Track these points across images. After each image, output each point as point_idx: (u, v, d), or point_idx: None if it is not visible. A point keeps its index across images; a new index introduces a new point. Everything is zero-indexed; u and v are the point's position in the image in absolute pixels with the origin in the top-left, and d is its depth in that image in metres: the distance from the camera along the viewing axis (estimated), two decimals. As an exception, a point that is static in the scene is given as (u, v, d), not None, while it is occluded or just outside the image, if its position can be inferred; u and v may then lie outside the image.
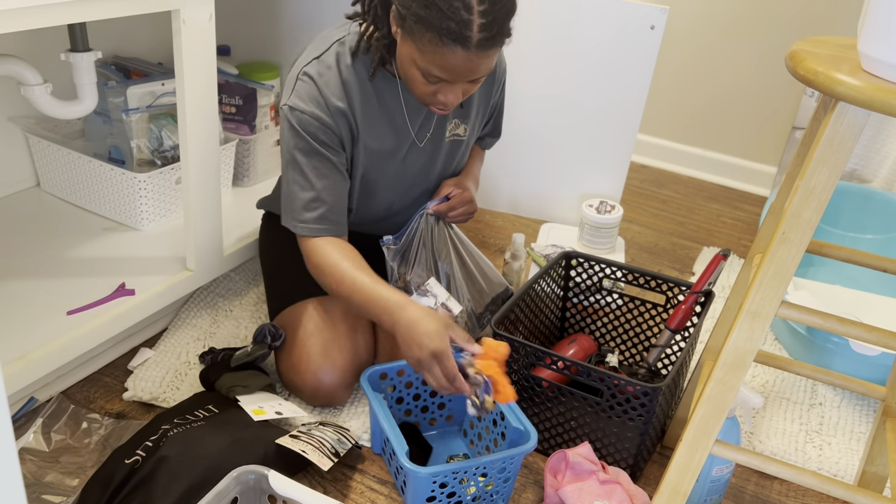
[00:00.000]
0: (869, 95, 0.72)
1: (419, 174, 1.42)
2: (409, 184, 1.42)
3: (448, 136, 1.41)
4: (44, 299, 1.33)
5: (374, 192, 1.39)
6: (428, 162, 1.42)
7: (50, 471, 1.16)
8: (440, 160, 1.43)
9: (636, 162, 2.65)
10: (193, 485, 1.07)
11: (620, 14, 1.78)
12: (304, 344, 1.32)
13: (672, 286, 1.46)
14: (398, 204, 1.44)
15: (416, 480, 1.09)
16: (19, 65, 1.30)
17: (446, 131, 1.41)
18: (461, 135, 1.44)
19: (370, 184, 1.37)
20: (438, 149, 1.42)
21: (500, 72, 1.46)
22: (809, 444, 1.40)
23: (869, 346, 1.45)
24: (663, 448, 1.36)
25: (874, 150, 2.13)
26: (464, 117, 1.43)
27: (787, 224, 0.82)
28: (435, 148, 1.41)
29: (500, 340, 1.28)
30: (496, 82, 1.46)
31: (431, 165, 1.43)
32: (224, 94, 1.81)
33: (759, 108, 2.44)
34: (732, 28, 2.38)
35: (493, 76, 1.44)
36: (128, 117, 1.55)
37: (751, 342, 0.88)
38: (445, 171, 1.47)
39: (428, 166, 1.43)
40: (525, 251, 1.71)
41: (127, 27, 1.75)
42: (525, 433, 1.16)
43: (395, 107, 1.32)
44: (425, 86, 1.19)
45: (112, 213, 1.61)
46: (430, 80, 1.17)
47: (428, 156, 1.41)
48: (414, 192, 1.44)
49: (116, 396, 1.35)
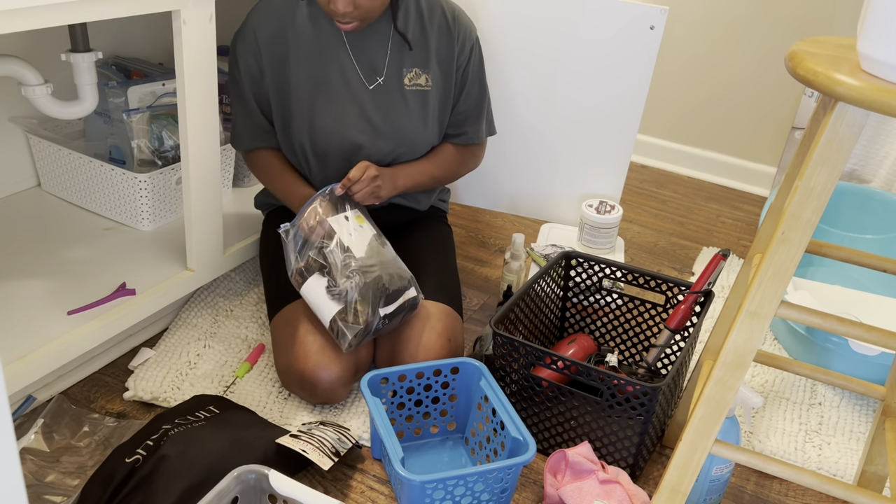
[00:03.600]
0: (868, 95, 0.72)
1: (385, 124, 1.42)
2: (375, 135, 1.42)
3: (408, 84, 1.43)
4: (44, 299, 1.33)
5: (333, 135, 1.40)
6: (391, 110, 1.42)
7: (51, 471, 1.16)
8: (406, 112, 1.43)
9: (636, 162, 2.65)
10: (194, 484, 1.07)
11: (620, 14, 1.78)
12: (302, 342, 1.32)
13: (672, 286, 1.46)
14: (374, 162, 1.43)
15: (411, 489, 1.09)
16: (20, 65, 1.30)
17: (404, 78, 1.43)
18: (423, 85, 1.44)
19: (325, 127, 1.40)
20: (399, 98, 1.43)
21: (461, 31, 1.46)
22: (809, 444, 1.40)
23: (868, 346, 1.45)
24: (663, 448, 1.36)
25: (874, 150, 2.13)
26: (423, 66, 1.44)
27: (787, 224, 0.83)
28: (395, 97, 1.43)
29: (500, 341, 1.28)
30: (454, 38, 1.45)
31: (398, 116, 1.43)
32: (224, 94, 1.81)
33: (759, 109, 2.44)
34: (732, 28, 2.38)
35: (447, 27, 1.45)
36: (128, 117, 1.55)
37: (750, 342, 0.88)
38: (417, 128, 1.45)
39: (393, 116, 1.42)
40: (525, 251, 1.71)
41: (127, 27, 1.75)
42: (524, 444, 1.14)
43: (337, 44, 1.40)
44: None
45: (112, 213, 1.61)
46: None
47: (388, 104, 1.42)
48: (385, 148, 1.43)
49: (117, 396, 1.35)
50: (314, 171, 1.45)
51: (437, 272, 1.48)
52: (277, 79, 1.41)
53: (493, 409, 1.22)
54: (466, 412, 1.32)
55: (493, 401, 1.22)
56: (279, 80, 1.41)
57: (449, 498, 1.12)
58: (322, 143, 1.41)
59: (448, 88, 1.48)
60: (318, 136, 1.40)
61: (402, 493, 1.13)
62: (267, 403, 1.36)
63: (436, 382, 1.29)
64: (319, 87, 1.40)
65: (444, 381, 1.30)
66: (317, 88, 1.40)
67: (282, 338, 1.36)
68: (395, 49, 1.42)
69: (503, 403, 1.21)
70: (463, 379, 1.30)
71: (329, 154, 1.42)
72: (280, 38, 1.39)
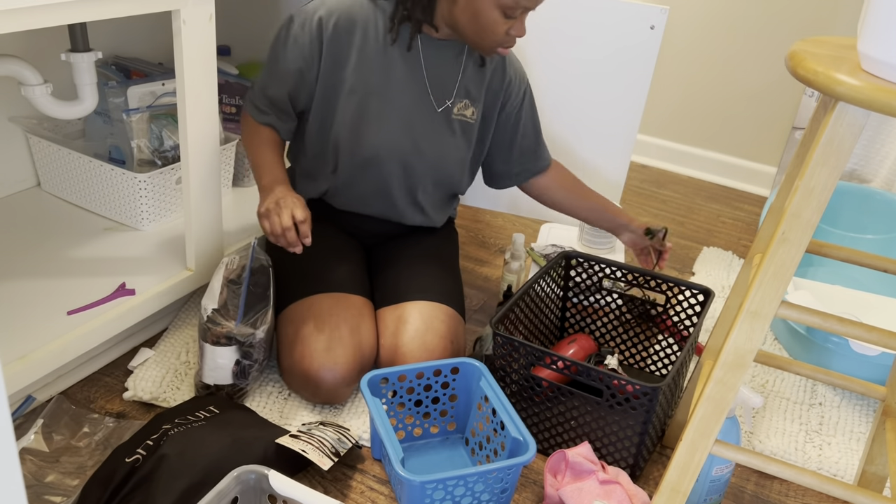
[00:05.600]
0: (869, 95, 0.72)
1: (432, 148, 1.42)
2: (420, 157, 1.42)
3: (456, 113, 1.42)
4: (44, 299, 1.33)
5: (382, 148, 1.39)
6: (442, 137, 1.42)
7: (50, 471, 1.16)
8: (453, 142, 1.44)
9: (636, 162, 2.65)
10: (194, 484, 1.07)
11: (620, 14, 1.78)
12: (306, 342, 1.32)
13: (672, 286, 1.46)
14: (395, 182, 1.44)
15: (411, 489, 1.09)
16: (20, 65, 1.30)
17: (453, 109, 1.43)
18: (468, 117, 1.44)
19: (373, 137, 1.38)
20: (447, 125, 1.43)
21: (515, 77, 1.48)
22: (809, 444, 1.40)
23: (869, 346, 1.45)
24: (663, 448, 1.36)
25: (874, 150, 2.13)
26: (473, 99, 1.44)
27: (787, 224, 0.82)
28: (449, 123, 1.43)
29: (500, 341, 1.28)
30: (507, 82, 1.47)
31: (445, 144, 1.43)
32: (224, 94, 1.81)
33: (759, 108, 2.44)
34: (732, 28, 2.38)
35: (502, 68, 1.46)
36: (128, 117, 1.55)
37: (751, 342, 0.88)
38: (460, 159, 1.47)
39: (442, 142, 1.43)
40: (525, 251, 1.71)
41: (127, 27, 1.75)
42: (524, 444, 1.14)
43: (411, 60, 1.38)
44: (503, 24, 1.27)
45: (112, 213, 1.61)
46: (513, 14, 1.26)
47: (442, 130, 1.42)
48: (421, 169, 1.43)
49: (116, 396, 1.35)
50: (340, 171, 1.43)
51: (440, 274, 1.48)
52: (331, 75, 1.37)
53: (493, 409, 1.22)
54: (466, 412, 1.32)
55: (493, 401, 1.22)
56: (332, 77, 1.37)
57: (449, 498, 1.12)
58: (366, 151, 1.39)
59: (486, 128, 1.50)
60: (364, 144, 1.39)
61: (402, 493, 1.12)
62: (267, 403, 1.36)
63: (436, 382, 1.29)
64: (378, 97, 1.38)
65: (444, 382, 1.30)
66: (376, 97, 1.38)
67: (286, 336, 1.36)
68: (464, 75, 1.42)
69: (503, 404, 1.21)
70: (463, 379, 1.30)
71: (367, 163, 1.41)
72: (347, 35, 1.35)
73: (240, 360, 1.30)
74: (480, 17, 1.27)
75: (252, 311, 1.32)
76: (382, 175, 1.42)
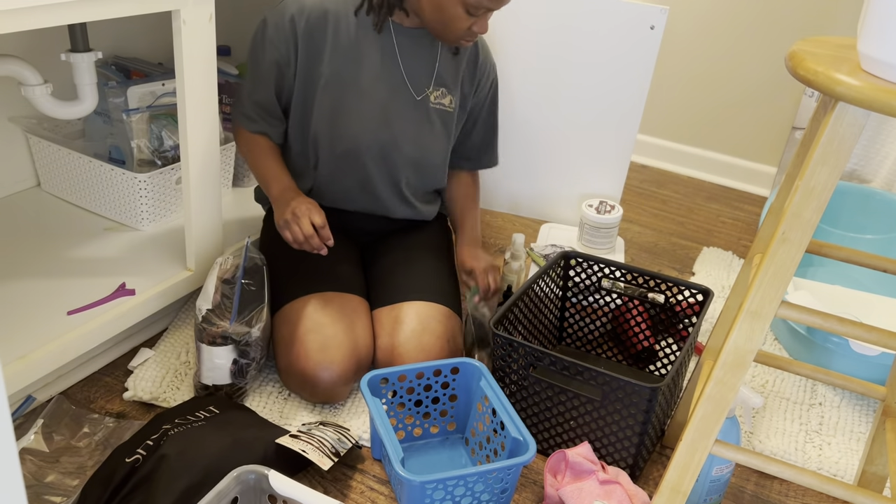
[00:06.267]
0: (869, 95, 0.72)
1: (413, 137, 1.43)
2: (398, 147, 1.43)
3: (433, 102, 1.44)
4: (44, 299, 1.33)
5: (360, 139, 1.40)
6: (421, 125, 1.44)
7: (50, 471, 1.16)
8: (431, 130, 1.45)
9: (636, 162, 2.65)
10: (193, 484, 1.07)
11: (620, 14, 1.78)
12: (303, 341, 1.32)
13: (671, 286, 1.46)
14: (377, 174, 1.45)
15: (411, 489, 1.09)
16: (19, 65, 1.30)
17: (430, 97, 1.44)
18: (446, 105, 1.46)
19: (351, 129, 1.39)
20: (425, 114, 1.44)
21: (487, 65, 1.50)
22: (809, 444, 1.40)
23: (869, 346, 1.45)
24: (663, 448, 1.36)
25: (874, 150, 2.13)
26: (450, 87, 1.45)
27: (787, 224, 0.82)
28: (427, 112, 1.44)
29: (500, 341, 1.28)
30: (480, 70, 1.49)
31: (424, 132, 1.44)
32: (224, 94, 1.81)
33: (759, 109, 2.44)
34: (732, 28, 2.38)
35: (475, 58, 1.48)
36: (128, 117, 1.55)
37: (751, 342, 0.88)
38: (440, 149, 1.48)
39: (421, 131, 1.44)
40: (525, 251, 1.71)
41: (127, 27, 1.75)
42: (524, 444, 1.14)
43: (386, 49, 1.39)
44: (466, 20, 1.29)
45: (112, 213, 1.61)
46: (475, 13, 1.28)
47: (421, 119, 1.43)
48: (401, 161, 1.44)
49: (116, 396, 1.35)
50: (321, 166, 1.45)
51: (436, 273, 1.48)
52: (307, 71, 1.39)
53: (493, 409, 1.22)
54: (466, 412, 1.32)
55: (493, 401, 1.22)
56: (309, 73, 1.39)
57: (449, 498, 1.12)
58: (344, 143, 1.41)
59: (461, 116, 1.52)
60: (342, 137, 1.40)
61: (402, 493, 1.12)
62: (267, 403, 1.36)
63: (436, 382, 1.29)
64: (354, 88, 1.39)
65: (444, 382, 1.30)
66: (352, 88, 1.39)
67: (282, 336, 1.36)
68: (440, 64, 1.44)
69: (503, 404, 1.21)
70: (463, 379, 1.30)
71: (347, 156, 1.42)
72: (320, 30, 1.37)
73: (237, 360, 1.30)
74: (444, 12, 1.29)
75: (247, 309, 1.32)
76: (363, 166, 1.44)
